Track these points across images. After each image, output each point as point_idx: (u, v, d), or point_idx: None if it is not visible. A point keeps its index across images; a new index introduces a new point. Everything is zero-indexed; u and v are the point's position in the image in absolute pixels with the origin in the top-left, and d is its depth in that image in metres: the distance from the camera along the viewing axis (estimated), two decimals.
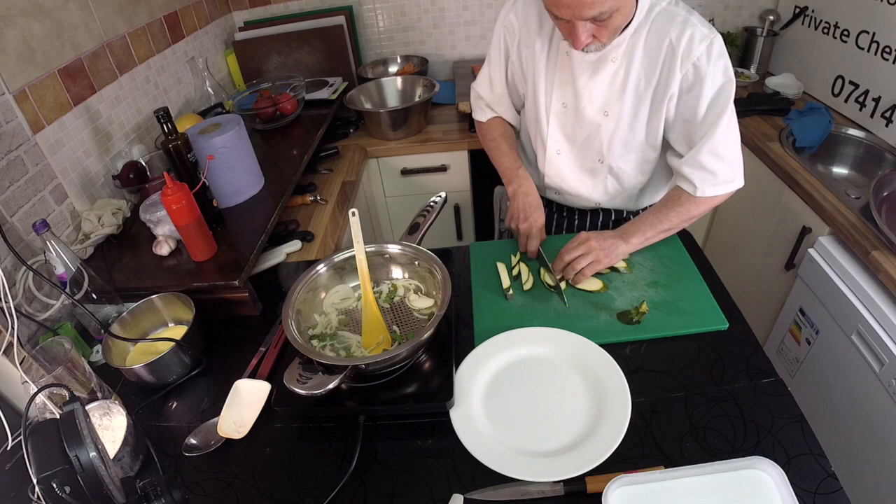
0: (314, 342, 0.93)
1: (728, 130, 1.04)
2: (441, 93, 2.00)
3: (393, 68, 2.32)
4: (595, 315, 1.02)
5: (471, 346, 0.97)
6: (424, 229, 1.09)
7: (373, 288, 0.97)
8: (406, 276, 1.05)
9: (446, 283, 0.91)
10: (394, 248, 1.02)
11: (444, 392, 0.85)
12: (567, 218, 1.38)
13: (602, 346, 0.93)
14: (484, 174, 1.97)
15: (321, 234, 1.44)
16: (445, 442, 0.84)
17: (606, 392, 0.86)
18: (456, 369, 0.92)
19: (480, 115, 1.36)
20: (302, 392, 0.78)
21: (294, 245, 1.36)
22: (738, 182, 1.09)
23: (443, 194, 1.18)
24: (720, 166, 1.06)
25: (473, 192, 2.07)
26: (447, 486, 0.78)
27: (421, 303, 1.00)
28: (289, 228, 1.46)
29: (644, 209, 1.33)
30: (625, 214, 1.33)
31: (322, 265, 1.01)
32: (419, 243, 1.04)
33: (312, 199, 1.59)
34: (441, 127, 2.00)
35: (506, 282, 1.11)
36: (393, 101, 2.12)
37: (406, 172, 2.00)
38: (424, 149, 1.94)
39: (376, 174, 2.02)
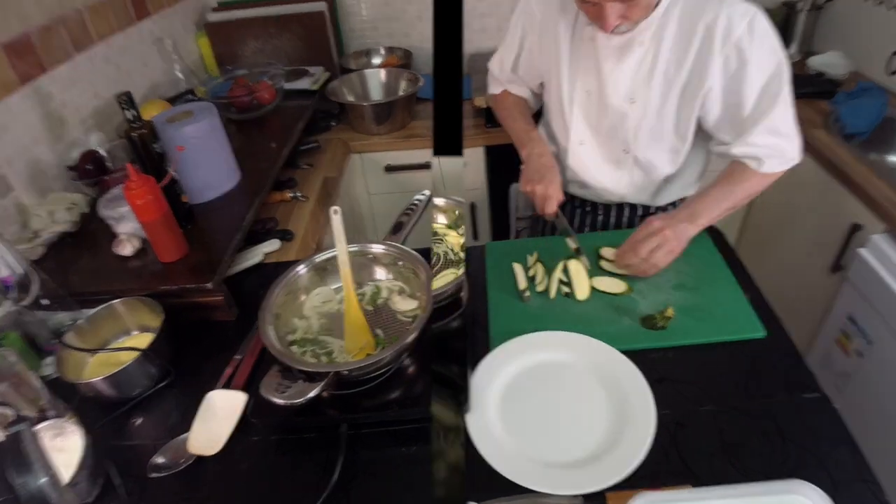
0: (294, 348, 0.95)
1: (786, 109, 1.07)
2: (426, 88, 2.06)
3: (376, 60, 2.40)
4: (617, 319, 1.04)
5: (486, 350, 1.01)
6: (409, 228, 1.14)
7: (356, 290, 0.99)
8: (390, 277, 1.08)
9: (430, 285, 0.96)
10: (377, 248, 1.06)
11: (432, 397, 0.89)
12: (590, 214, 1.41)
13: (624, 352, 0.95)
14: (501, 171, 2.04)
15: (301, 233, 1.47)
16: (430, 449, 0.87)
17: (629, 402, 0.88)
18: (471, 373, 0.96)
19: (495, 88, 1.47)
20: (281, 402, 0.80)
21: (272, 244, 1.39)
22: (799, 157, 1.12)
23: (426, 192, 1.22)
24: (782, 143, 1.09)
25: (490, 190, 2.14)
26: (433, 495, 0.79)
27: (405, 305, 1.03)
28: (266, 227, 1.48)
29: (673, 204, 1.35)
30: (652, 210, 1.36)
31: (302, 266, 1.03)
32: (403, 243, 1.09)
33: (292, 195, 1.61)
34: (426, 122, 2.07)
35: (522, 283, 1.14)
36: (377, 94, 2.18)
37: (390, 169, 2.06)
38: (408, 144, 2.01)
39: (359, 170, 2.08)
